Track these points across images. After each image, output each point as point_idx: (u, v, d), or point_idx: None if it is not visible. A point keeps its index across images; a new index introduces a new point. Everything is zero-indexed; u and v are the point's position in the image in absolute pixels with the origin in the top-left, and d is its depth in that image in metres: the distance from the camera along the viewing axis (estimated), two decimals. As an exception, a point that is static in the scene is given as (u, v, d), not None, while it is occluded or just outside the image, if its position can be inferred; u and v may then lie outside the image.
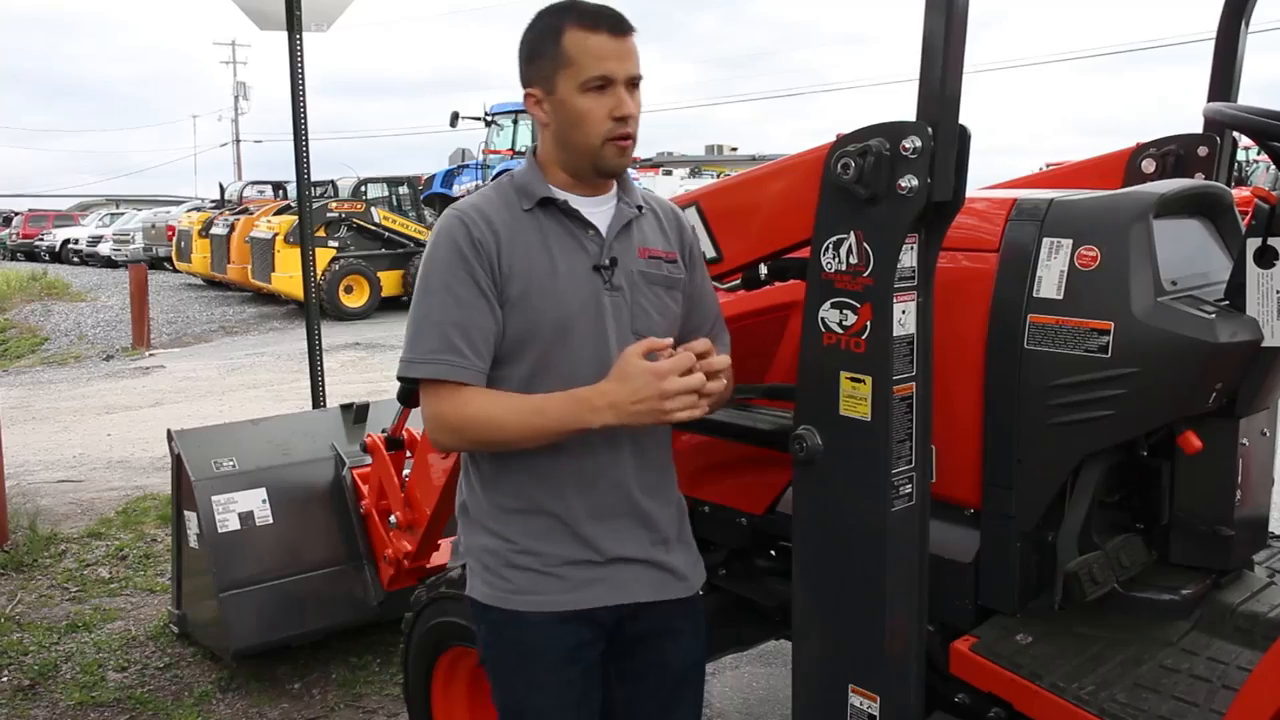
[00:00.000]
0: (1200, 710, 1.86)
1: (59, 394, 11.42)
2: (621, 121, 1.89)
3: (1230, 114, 2.13)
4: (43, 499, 6.34)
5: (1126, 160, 2.77)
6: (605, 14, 1.88)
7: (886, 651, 2.00)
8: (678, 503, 2.12)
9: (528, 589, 1.94)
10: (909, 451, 1.97)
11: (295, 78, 5.51)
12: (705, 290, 2.14)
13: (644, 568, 2.00)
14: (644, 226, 2.03)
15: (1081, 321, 2.01)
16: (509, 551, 1.96)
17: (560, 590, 1.94)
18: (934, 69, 1.82)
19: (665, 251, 2.04)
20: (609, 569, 1.96)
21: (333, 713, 3.71)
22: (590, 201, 1.98)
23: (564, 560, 1.94)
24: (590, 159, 1.92)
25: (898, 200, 1.85)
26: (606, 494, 1.95)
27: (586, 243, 1.95)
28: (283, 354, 13.25)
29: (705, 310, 2.11)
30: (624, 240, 1.98)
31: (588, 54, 1.86)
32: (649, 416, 1.76)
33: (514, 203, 1.94)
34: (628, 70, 1.89)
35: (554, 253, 1.92)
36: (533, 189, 1.95)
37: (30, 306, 19.43)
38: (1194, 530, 2.23)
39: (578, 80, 1.87)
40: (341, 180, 20.89)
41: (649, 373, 1.74)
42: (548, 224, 1.94)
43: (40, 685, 3.95)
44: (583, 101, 1.88)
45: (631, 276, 1.97)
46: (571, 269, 1.92)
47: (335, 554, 3.99)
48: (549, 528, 1.94)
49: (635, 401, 1.75)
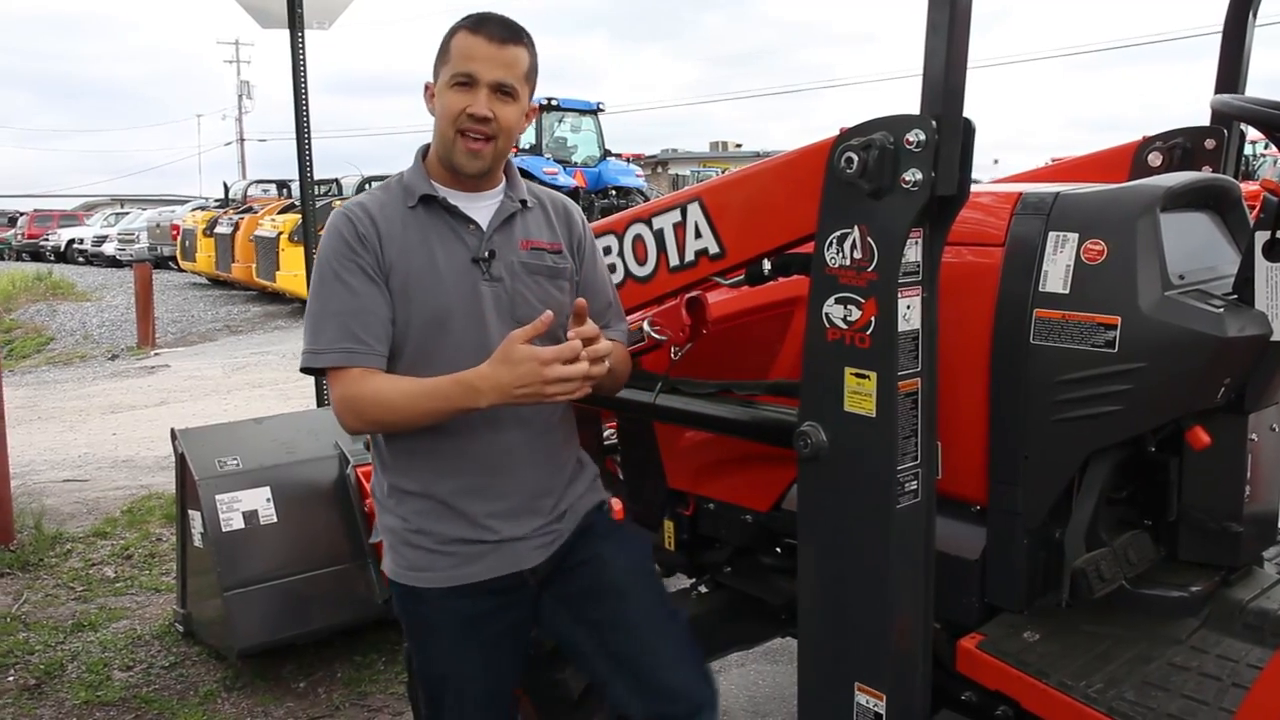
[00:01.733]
0: (1210, 708, 1.85)
1: (64, 393, 11.44)
2: (473, 120, 1.99)
3: (1238, 105, 2.11)
4: (48, 498, 6.34)
5: (1133, 153, 2.74)
6: (493, 21, 2.02)
7: (893, 649, 1.99)
8: (573, 462, 2.21)
9: (421, 565, 2.07)
10: (914, 448, 1.95)
11: (297, 75, 5.50)
12: (598, 279, 2.24)
13: (533, 539, 2.10)
14: (527, 220, 2.14)
15: (1088, 316, 1.99)
16: (404, 530, 2.09)
17: (449, 566, 2.06)
18: (937, 62, 1.80)
19: (549, 243, 2.15)
20: (498, 545, 2.07)
21: (338, 711, 3.71)
22: (471, 197, 2.10)
23: (452, 538, 2.06)
24: (447, 153, 2.04)
25: (902, 194, 1.84)
26: (492, 473, 2.06)
27: (466, 237, 2.06)
28: (287, 353, 13.24)
29: (599, 298, 2.20)
30: (505, 233, 2.09)
31: (460, 52, 2.01)
32: (531, 399, 1.87)
33: (399, 200, 2.07)
34: (495, 75, 2.00)
35: (433, 246, 2.03)
36: (415, 187, 2.07)
37: (36, 306, 19.45)
38: (1203, 526, 2.21)
39: (449, 75, 2.01)
40: (345, 178, 20.90)
41: (533, 359, 1.83)
42: (429, 220, 2.06)
43: (46, 684, 3.94)
44: (448, 96, 2.01)
45: (512, 267, 2.08)
46: (450, 262, 2.03)
47: (339, 552, 3.99)
48: (435, 509, 2.06)
49: (518, 386, 1.85)
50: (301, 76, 5.51)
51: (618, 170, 21.18)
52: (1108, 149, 2.87)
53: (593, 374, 1.89)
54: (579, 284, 2.18)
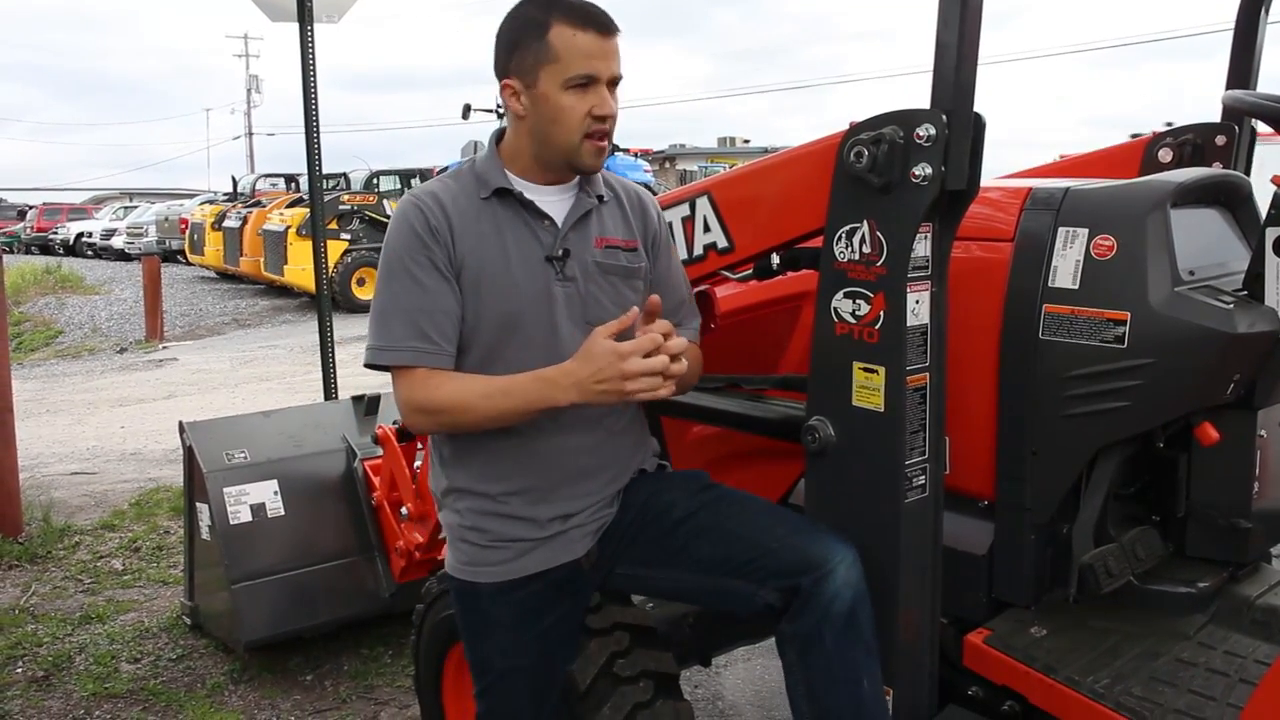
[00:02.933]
0: (1217, 704, 1.84)
1: (73, 386, 11.47)
2: (601, 121, 1.92)
3: (1250, 101, 2.11)
4: (56, 491, 6.35)
5: (1143, 149, 2.74)
6: (594, 12, 1.91)
7: (900, 644, 1.99)
8: (638, 469, 2.15)
9: (477, 560, 2.05)
10: (922, 443, 1.95)
11: (306, 69, 5.50)
12: (672, 275, 2.17)
13: (586, 525, 2.07)
14: (604, 215, 2.07)
15: (1097, 312, 1.99)
16: (460, 527, 2.07)
17: (503, 560, 2.03)
18: (948, 56, 1.80)
19: (624, 240, 2.07)
20: (549, 540, 2.03)
21: (344, 704, 3.71)
22: (548, 191, 2.02)
23: (504, 538, 2.03)
24: (566, 156, 1.96)
25: (911, 189, 1.84)
26: (549, 474, 2.02)
27: (541, 233, 1.98)
28: (295, 346, 13.28)
29: (673, 295, 2.13)
30: (580, 231, 2.02)
31: (574, 51, 1.88)
32: (612, 395, 1.80)
33: (472, 190, 1.99)
34: (611, 70, 1.92)
35: (507, 242, 1.96)
36: (490, 178, 1.99)
37: (44, 300, 19.51)
38: (1211, 523, 2.21)
39: (562, 77, 1.89)
40: (354, 173, 20.88)
41: (612, 353, 1.77)
42: (503, 213, 1.98)
43: (54, 676, 3.95)
44: (565, 98, 1.90)
45: (586, 267, 2.00)
46: (524, 259, 1.96)
47: (347, 546, 3.99)
48: (489, 508, 2.03)
49: (598, 381, 1.78)
50: (311, 70, 5.51)
51: (625, 165, 21.15)
52: (1118, 145, 2.87)
53: (673, 371, 1.80)
54: (652, 280, 2.10)
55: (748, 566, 1.95)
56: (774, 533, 1.96)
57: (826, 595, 1.86)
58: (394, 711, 3.65)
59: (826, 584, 1.86)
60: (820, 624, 1.87)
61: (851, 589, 1.87)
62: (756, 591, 1.95)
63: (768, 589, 1.93)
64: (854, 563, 1.89)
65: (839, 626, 1.86)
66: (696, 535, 2.02)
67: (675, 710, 2.34)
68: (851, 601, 1.87)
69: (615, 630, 2.37)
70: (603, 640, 2.34)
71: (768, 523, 2.00)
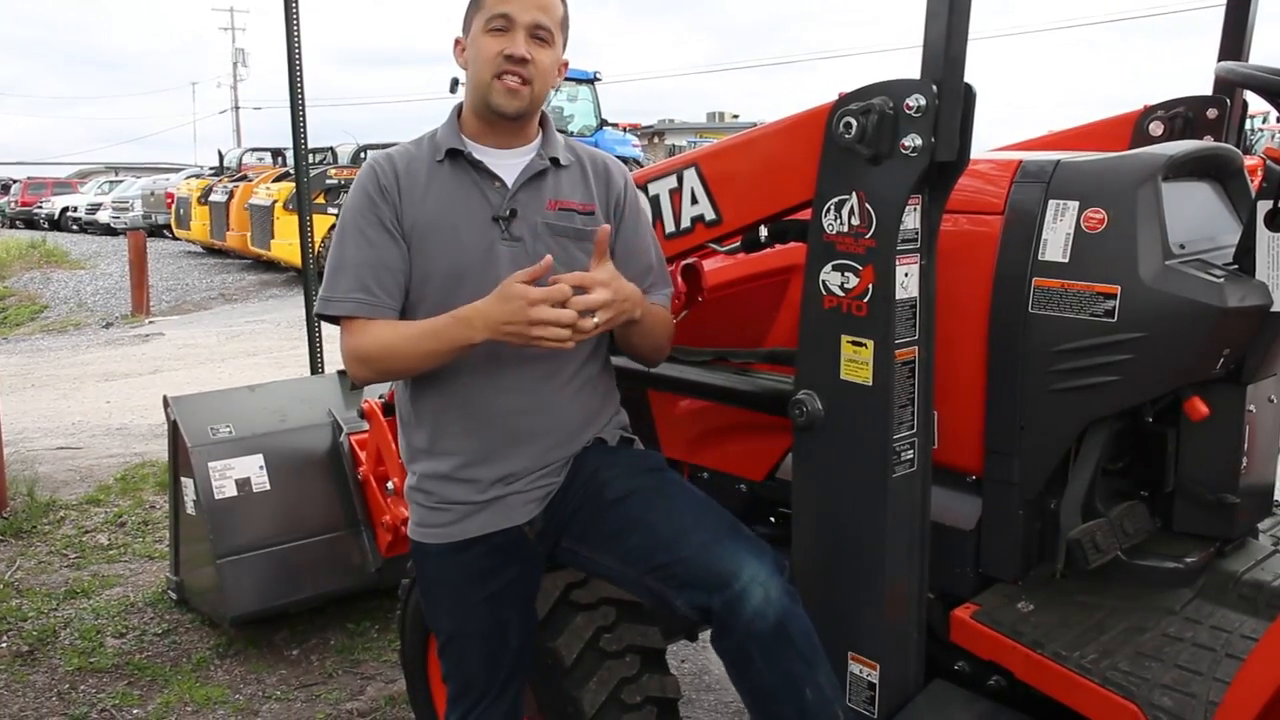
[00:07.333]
0: (1203, 679, 1.84)
1: (58, 361, 11.41)
2: (511, 60, 1.96)
3: (1242, 73, 2.08)
4: (42, 466, 6.33)
5: (1134, 122, 2.72)
6: None
7: (886, 619, 1.99)
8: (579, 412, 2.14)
9: (425, 521, 2.11)
10: (910, 417, 1.94)
11: (291, 42, 5.45)
12: (638, 242, 2.17)
13: (525, 493, 2.08)
14: (560, 179, 2.09)
15: (1087, 285, 1.98)
16: (410, 489, 2.14)
17: (446, 522, 2.08)
18: (938, 25, 1.78)
19: (581, 204, 2.10)
20: (488, 504, 2.06)
21: (330, 678, 3.71)
22: (501, 154, 2.06)
23: (448, 500, 2.07)
24: (483, 96, 2.01)
25: (901, 160, 1.82)
26: (488, 436, 2.04)
27: (490, 193, 2.03)
28: (282, 321, 13.22)
29: (636, 262, 2.14)
30: (531, 191, 2.05)
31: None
32: (518, 339, 1.85)
33: (428, 154, 2.06)
34: (531, 16, 1.97)
35: (455, 202, 2.02)
36: (444, 141, 2.05)
37: (29, 274, 19.40)
38: (1198, 498, 2.21)
39: (483, 20, 1.98)
40: (341, 147, 20.74)
41: (522, 298, 1.81)
42: (455, 175, 2.04)
43: (39, 651, 3.94)
44: (483, 40, 1.98)
45: (535, 228, 2.04)
46: (471, 218, 2.02)
47: (333, 520, 3.98)
48: (435, 469, 2.08)
49: (506, 322, 1.84)
50: (295, 43, 5.46)
51: (614, 140, 21.09)
52: (1108, 118, 2.85)
53: (581, 326, 1.84)
54: (614, 246, 2.09)
55: (662, 570, 1.97)
56: (690, 539, 1.95)
57: (745, 617, 1.84)
58: (380, 686, 3.65)
59: (742, 607, 1.84)
60: (745, 643, 1.87)
61: (774, 607, 1.85)
62: (674, 599, 1.96)
63: (681, 600, 1.95)
64: (769, 579, 1.86)
65: (766, 643, 1.85)
66: (627, 525, 2.03)
67: (661, 684, 2.34)
68: (776, 619, 1.85)
69: (601, 605, 2.36)
70: (589, 615, 2.34)
71: (689, 525, 1.98)
